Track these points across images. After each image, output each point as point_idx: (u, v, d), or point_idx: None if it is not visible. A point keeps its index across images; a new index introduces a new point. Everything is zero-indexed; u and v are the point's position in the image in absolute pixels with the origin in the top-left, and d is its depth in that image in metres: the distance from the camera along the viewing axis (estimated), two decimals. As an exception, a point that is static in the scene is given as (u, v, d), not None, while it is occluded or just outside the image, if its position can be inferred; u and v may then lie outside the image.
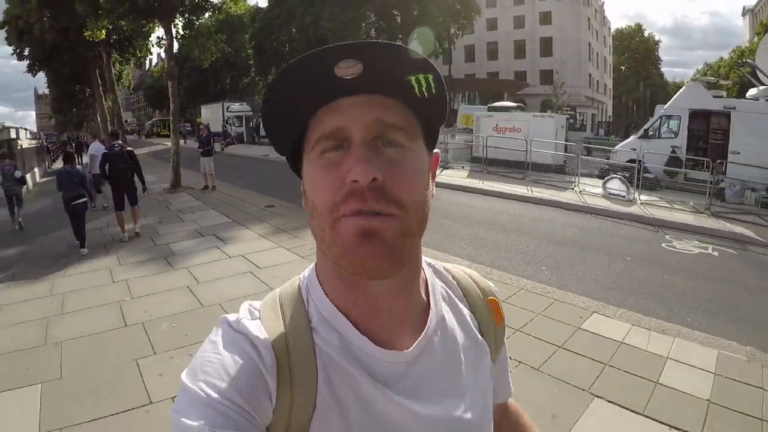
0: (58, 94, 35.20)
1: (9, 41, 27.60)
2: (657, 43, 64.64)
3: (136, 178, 7.98)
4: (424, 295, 0.64)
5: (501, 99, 38.94)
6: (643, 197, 10.35)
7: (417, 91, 0.54)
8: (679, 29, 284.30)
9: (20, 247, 7.84)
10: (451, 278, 0.72)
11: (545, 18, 47.89)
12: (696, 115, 11.88)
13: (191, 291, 5.23)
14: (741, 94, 15.14)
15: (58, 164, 13.41)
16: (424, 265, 0.67)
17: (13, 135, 15.30)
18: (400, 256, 0.53)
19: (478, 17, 37.56)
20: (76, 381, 3.47)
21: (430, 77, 0.54)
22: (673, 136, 11.93)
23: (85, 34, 15.31)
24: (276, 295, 0.62)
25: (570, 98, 42.42)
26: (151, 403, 3.15)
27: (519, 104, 19.74)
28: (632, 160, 11.49)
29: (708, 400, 3.07)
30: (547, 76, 47.54)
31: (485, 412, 0.66)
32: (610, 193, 10.59)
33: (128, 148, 8.06)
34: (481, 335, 0.69)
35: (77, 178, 7.29)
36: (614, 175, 10.90)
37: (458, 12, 33.99)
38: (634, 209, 9.65)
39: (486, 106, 21.83)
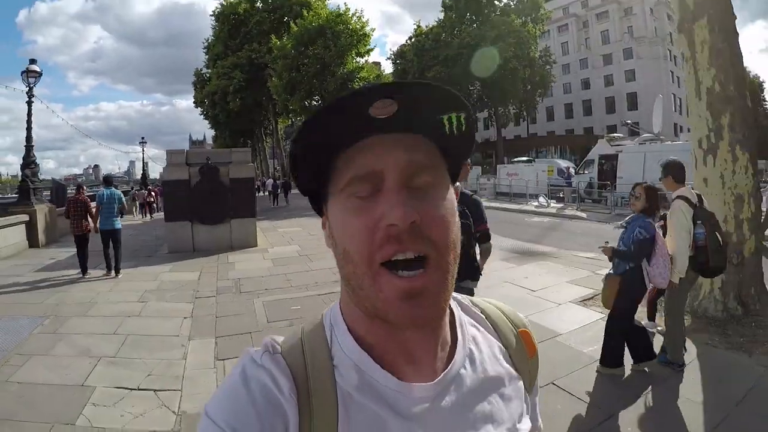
0: (227, 145, 41.72)
1: (196, 104, 40.74)
2: (761, 84, 63.43)
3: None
4: (450, 330, 0.62)
5: (587, 152, 44.02)
6: (553, 204, 18.43)
7: (447, 129, 0.54)
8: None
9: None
10: (479, 312, 0.70)
11: (630, 75, 52.98)
12: (602, 158, 19.79)
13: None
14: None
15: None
16: (450, 300, 0.63)
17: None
18: (446, 302, 0.54)
19: (554, 83, 44.78)
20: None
21: (462, 116, 0.54)
22: (591, 171, 20.20)
23: (279, 120, 30.34)
24: (299, 331, 0.61)
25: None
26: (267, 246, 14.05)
27: (529, 159, 28.68)
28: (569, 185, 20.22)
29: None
30: (633, 129, 51.86)
31: None
32: (540, 204, 19.15)
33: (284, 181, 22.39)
34: (514, 367, 0.66)
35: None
36: (540, 195, 19.49)
37: (537, 83, 41.37)
38: (543, 210, 17.78)
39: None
